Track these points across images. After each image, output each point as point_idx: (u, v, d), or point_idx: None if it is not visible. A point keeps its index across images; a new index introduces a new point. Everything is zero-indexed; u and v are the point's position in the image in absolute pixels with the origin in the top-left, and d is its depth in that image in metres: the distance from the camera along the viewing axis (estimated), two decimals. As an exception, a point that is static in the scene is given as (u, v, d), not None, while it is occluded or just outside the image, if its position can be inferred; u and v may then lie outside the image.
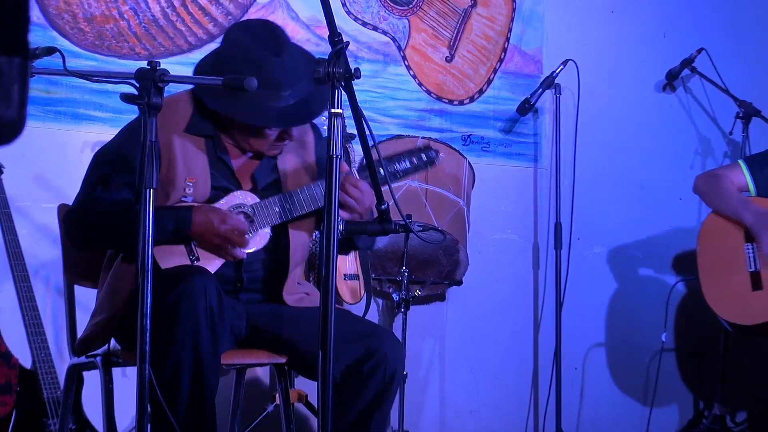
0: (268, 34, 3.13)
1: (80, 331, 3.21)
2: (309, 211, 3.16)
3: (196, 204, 3.07)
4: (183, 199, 3.09)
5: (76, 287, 3.39)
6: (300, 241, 3.25)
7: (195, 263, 3.08)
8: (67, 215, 3.15)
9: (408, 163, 3.23)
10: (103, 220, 3.05)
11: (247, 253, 3.12)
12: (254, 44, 3.09)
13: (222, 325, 2.95)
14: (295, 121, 3.14)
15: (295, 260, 3.24)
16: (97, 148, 3.25)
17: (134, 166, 3.05)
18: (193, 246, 3.09)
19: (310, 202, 3.14)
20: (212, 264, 3.10)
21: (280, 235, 3.20)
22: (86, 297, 3.41)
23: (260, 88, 2.98)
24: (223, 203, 3.13)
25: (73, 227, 3.15)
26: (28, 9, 1.53)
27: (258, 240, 3.14)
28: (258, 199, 3.14)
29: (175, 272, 2.96)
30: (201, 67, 3.22)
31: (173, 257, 3.06)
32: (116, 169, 3.09)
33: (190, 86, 3.25)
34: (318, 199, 3.13)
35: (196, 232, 3.03)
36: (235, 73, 3.04)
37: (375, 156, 2.94)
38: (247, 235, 3.09)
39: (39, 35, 4.34)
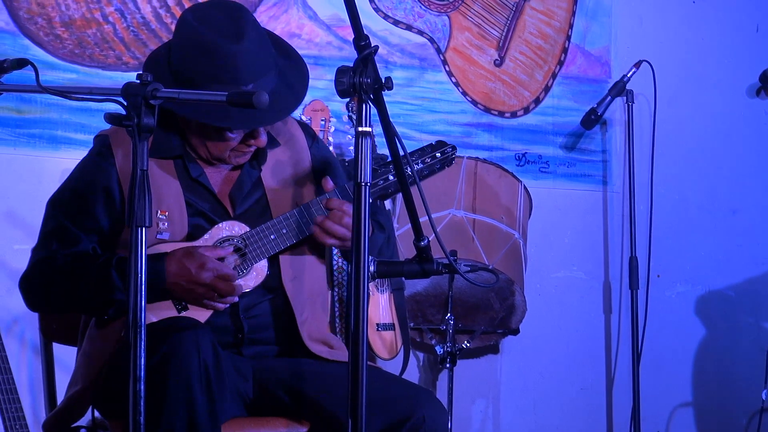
0: (226, 15, 3.07)
1: (61, 396, 3.21)
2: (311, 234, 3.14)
3: (169, 249, 3.05)
4: (158, 236, 3.08)
5: (56, 345, 3.39)
6: (295, 267, 3.19)
7: (183, 313, 3.07)
8: (24, 280, 3.15)
9: (420, 163, 3.20)
10: (64, 279, 3.06)
11: (243, 294, 3.08)
12: (206, 28, 3.04)
13: (221, 387, 2.92)
14: (259, 121, 3.08)
15: (294, 293, 3.18)
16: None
17: (93, 211, 3.07)
18: None
19: (310, 224, 3.12)
20: (204, 312, 3.08)
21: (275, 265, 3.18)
22: (67, 356, 3.40)
23: (215, 81, 2.97)
24: (208, 238, 3.11)
25: (31, 292, 3.14)
26: None
27: (255, 276, 3.12)
28: (248, 228, 3.13)
29: (159, 327, 2.93)
30: (150, 62, 3.17)
31: (156, 309, 3.05)
32: (72, 217, 3.10)
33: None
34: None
35: (172, 284, 3.01)
36: (185, 66, 3.04)
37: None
38: (239, 276, 3.07)
39: (8, 44, 4.38)
